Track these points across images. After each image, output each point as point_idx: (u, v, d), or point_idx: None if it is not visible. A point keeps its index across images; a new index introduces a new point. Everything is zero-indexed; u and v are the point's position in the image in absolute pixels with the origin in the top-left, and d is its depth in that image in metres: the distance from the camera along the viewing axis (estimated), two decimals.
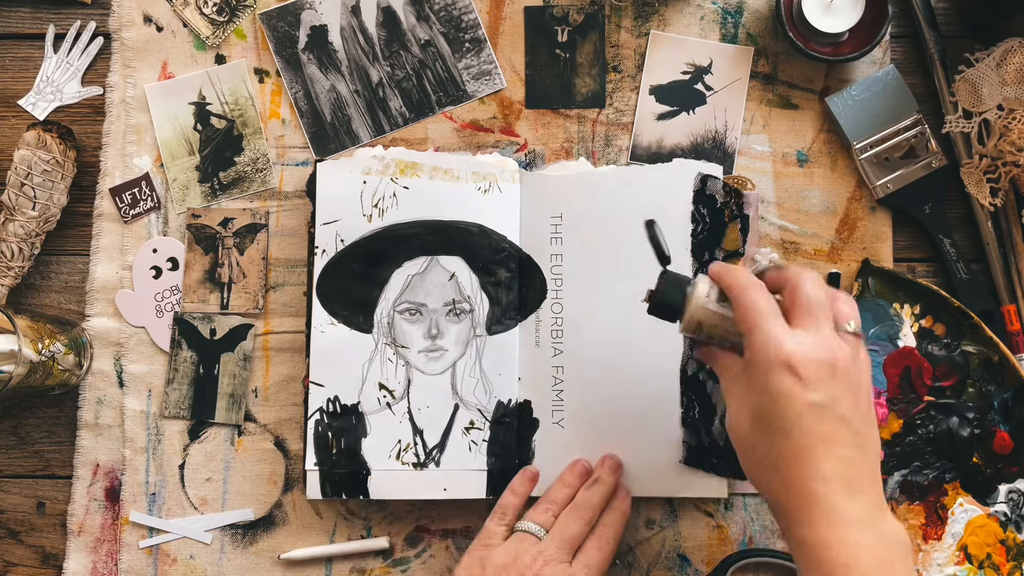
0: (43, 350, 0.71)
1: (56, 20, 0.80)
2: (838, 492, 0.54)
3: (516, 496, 0.71)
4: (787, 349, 0.55)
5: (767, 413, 0.56)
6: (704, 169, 0.74)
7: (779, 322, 0.56)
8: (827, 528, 0.54)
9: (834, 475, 0.54)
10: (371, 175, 0.74)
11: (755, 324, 0.56)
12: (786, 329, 0.56)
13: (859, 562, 0.53)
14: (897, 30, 0.79)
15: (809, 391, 0.54)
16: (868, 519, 0.54)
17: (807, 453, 0.54)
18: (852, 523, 0.54)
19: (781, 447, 0.55)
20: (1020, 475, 0.74)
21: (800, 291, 0.57)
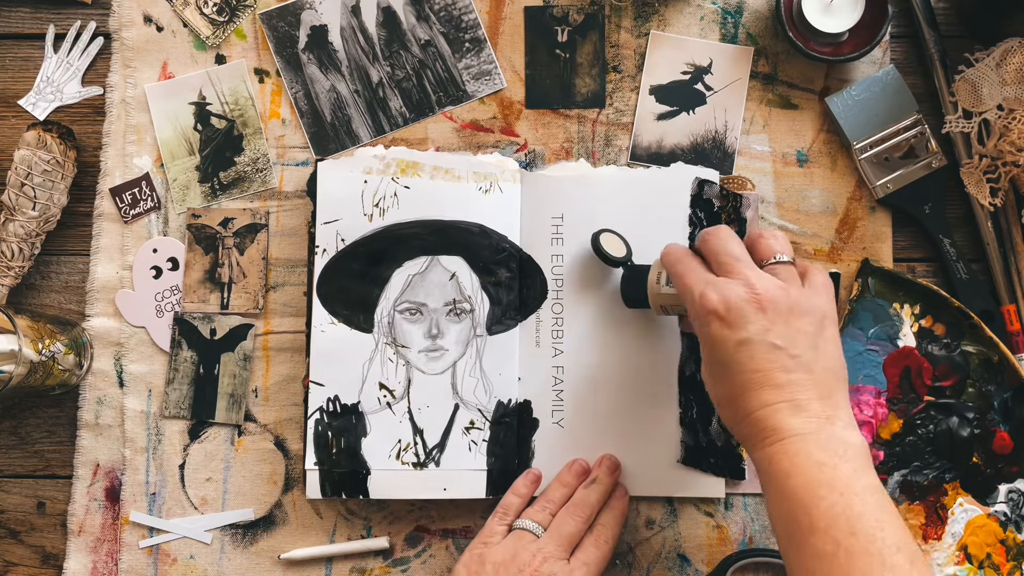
0: (43, 350, 0.71)
1: (56, 20, 0.80)
2: (781, 413, 0.57)
3: (519, 497, 0.71)
4: (710, 298, 0.59)
5: (711, 361, 0.61)
6: (701, 174, 0.75)
7: (703, 279, 0.61)
8: (771, 445, 0.57)
9: (775, 400, 0.57)
10: (372, 174, 0.74)
11: (685, 287, 0.62)
12: (710, 283, 0.60)
13: (798, 468, 0.55)
14: (897, 30, 0.79)
15: (735, 331, 0.58)
16: (813, 430, 0.56)
17: (747, 387, 0.58)
18: (794, 436, 0.56)
19: (726, 387, 0.60)
20: (1020, 475, 0.74)
21: (707, 247, 0.63)
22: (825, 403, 0.58)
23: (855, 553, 0.52)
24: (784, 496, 0.56)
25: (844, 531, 0.53)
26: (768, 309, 0.58)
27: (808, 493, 0.55)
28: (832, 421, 0.57)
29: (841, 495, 0.54)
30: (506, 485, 0.72)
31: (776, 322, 0.58)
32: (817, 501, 0.54)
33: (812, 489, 0.55)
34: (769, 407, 0.57)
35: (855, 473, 0.55)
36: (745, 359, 0.58)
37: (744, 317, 0.58)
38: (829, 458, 0.55)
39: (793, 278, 0.61)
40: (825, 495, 0.54)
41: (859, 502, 0.54)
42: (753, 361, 0.58)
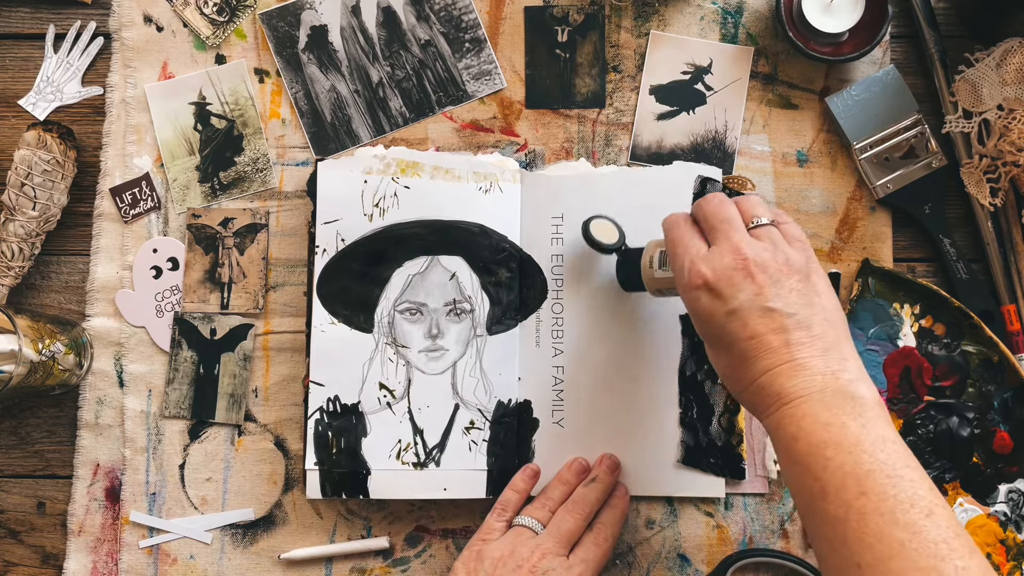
0: (43, 350, 0.71)
1: (56, 20, 0.80)
2: (783, 377, 0.56)
3: (517, 492, 0.71)
4: (698, 271, 0.59)
5: (706, 334, 0.60)
6: (703, 172, 0.75)
7: (693, 249, 0.60)
8: (777, 411, 0.56)
9: (774, 365, 0.56)
10: (372, 174, 0.74)
11: (675, 255, 0.61)
12: (699, 253, 0.60)
13: (804, 431, 0.54)
14: (897, 30, 0.79)
15: (725, 301, 0.58)
16: (817, 389, 0.55)
17: (744, 357, 0.57)
18: (799, 398, 0.55)
19: (726, 359, 0.59)
20: (1020, 475, 0.74)
21: (701, 213, 0.62)
22: (828, 358, 0.56)
23: (866, 514, 0.50)
24: (793, 462, 0.54)
25: (854, 492, 0.51)
26: (757, 273, 0.57)
27: (815, 456, 0.53)
28: (837, 376, 0.55)
29: (849, 454, 0.52)
30: (506, 485, 0.72)
31: (767, 285, 0.57)
32: (825, 463, 0.52)
33: (819, 451, 0.53)
34: (770, 372, 0.56)
35: (863, 429, 0.53)
36: (739, 328, 0.57)
37: (734, 285, 0.57)
38: (835, 416, 0.53)
39: (777, 239, 0.60)
40: (832, 455, 0.52)
41: (868, 459, 0.51)
42: (747, 329, 0.57)
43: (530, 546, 0.66)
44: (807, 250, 0.60)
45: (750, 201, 0.62)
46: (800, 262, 0.59)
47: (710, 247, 0.60)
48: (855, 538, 0.50)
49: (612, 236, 0.72)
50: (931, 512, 0.50)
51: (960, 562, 0.48)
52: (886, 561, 0.49)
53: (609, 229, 0.72)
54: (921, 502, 0.50)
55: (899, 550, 0.48)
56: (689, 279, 0.59)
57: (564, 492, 0.71)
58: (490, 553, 0.67)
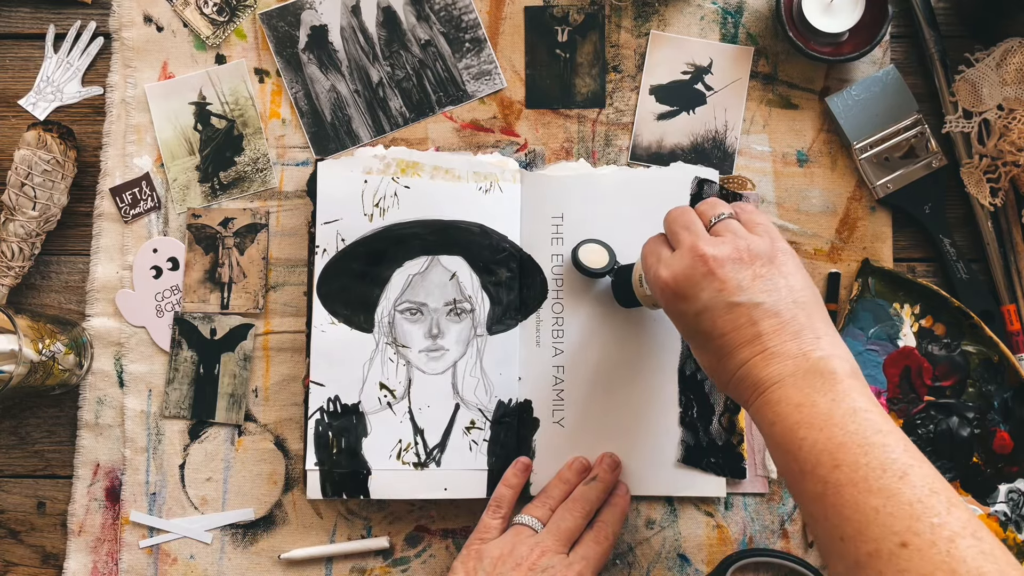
0: (43, 350, 0.71)
1: (56, 20, 0.80)
2: (757, 368, 0.56)
3: (510, 488, 0.71)
4: (662, 276, 0.60)
5: (684, 334, 0.62)
6: (701, 173, 0.75)
7: (658, 258, 0.61)
8: (755, 400, 0.56)
9: (749, 357, 0.56)
10: (372, 174, 0.74)
11: (646, 270, 0.62)
12: (663, 260, 0.61)
13: (780, 415, 0.54)
14: (897, 30, 0.79)
15: (691, 302, 0.58)
16: (789, 372, 0.55)
17: (721, 352, 0.58)
18: (773, 385, 0.55)
19: (704, 357, 0.60)
20: (1020, 475, 0.74)
21: (665, 224, 0.63)
22: (801, 339, 0.56)
23: (841, 486, 0.50)
24: (775, 446, 0.55)
25: (828, 466, 0.51)
26: (716, 269, 0.57)
27: (791, 437, 0.53)
28: (808, 356, 0.55)
29: (820, 431, 0.52)
30: None
31: (728, 279, 0.57)
32: (800, 443, 0.53)
33: (793, 433, 0.53)
34: (746, 365, 0.57)
35: (833, 403, 0.53)
36: (708, 326, 0.58)
37: (696, 285, 0.58)
38: (806, 396, 0.54)
39: (736, 230, 0.60)
40: (805, 435, 0.53)
41: (839, 432, 0.52)
42: (716, 326, 0.57)
43: (529, 544, 0.66)
44: (770, 232, 0.60)
45: (708, 202, 0.63)
46: (762, 247, 0.59)
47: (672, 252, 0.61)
48: (834, 512, 0.50)
49: (602, 260, 0.72)
50: (904, 473, 0.50)
51: (936, 519, 0.48)
52: (863, 530, 0.49)
53: (598, 253, 0.73)
54: (894, 465, 0.50)
55: (874, 517, 0.49)
56: (656, 285, 0.61)
57: (564, 491, 0.71)
58: (489, 552, 0.67)
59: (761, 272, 0.58)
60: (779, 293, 0.57)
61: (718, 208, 0.62)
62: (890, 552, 0.47)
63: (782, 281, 0.58)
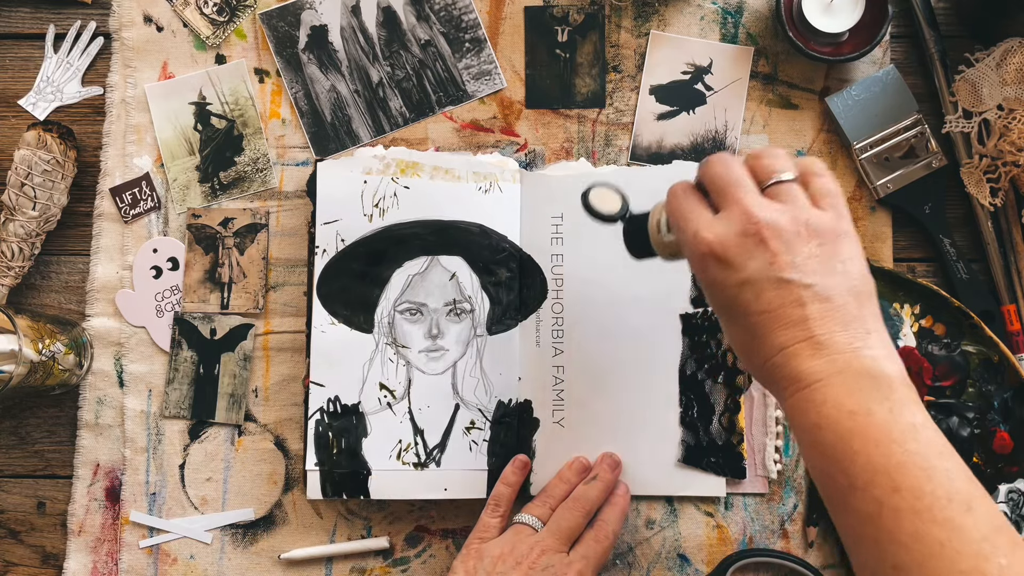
0: (43, 350, 0.71)
1: (56, 20, 0.80)
2: (800, 356, 0.51)
3: (509, 486, 0.71)
4: (705, 239, 0.53)
5: (716, 305, 0.55)
6: None
7: (699, 216, 0.54)
8: (795, 395, 0.51)
9: (791, 341, 0.51)
10: (372, 175, 0.74)
11: (679, 228, 0.55)
12: (704, 219, 0.54)
13: (827, 419, 0.49)
14: (897, 30, 0.79)
15: (735, 271, 0.52)
16: (838, 370, 0.50)
17: (757, 331, 0.52)
18: (818, 382, 0.50)
19: (736, 333, 0.54)
20: (1020, 475, 0.74)
21: (706, 177, 0.55)
22: (850, 331, 0.51)
23: (901, 511, 0.46)
24: (817, 452, 0.50)
25: (886, 488, 0.47)
26: (770, 239, 0.51)
27: (841, 448, 0.48)
28: (859, 353, 0.50)
29: (877, 446, 0.48)
30: None
31: (781, 252, 0.51)
32: (853, 456, 0.48)
33: (846, 443, 0.48)
34: (785, 351, 0.51)
35: (891, 415, 0.48)
36: (750, 300, 0.51)
37: (744, 253, 0.51)
38: (860, 403, 0.49)
39: (797, 197, 0.53)
40: (860, 448, 0.48)
41: (899, 450, 0.47)
42: (759, 301, 0.51)
43: (529, 543, 0.66)
44: (838, 208, 0.53)
45: (768, 154, 0.55)
46: (825, 224, 0.52)
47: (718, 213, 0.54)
48: (889, 538, 0.47)
49: (615, 204, 0.66)
50: (970, 507, 0.46)
51: (1004, 560, 0.45)
52: (925, 563, 0.45)
53: (611, 197, 0.66)
54: (959, 496, 0.46)
55: (939, 551, 0.45)
56: (695, 247, 0.53)
57: (565, 490, 0.71)
58: (489, 551, 0.67)
59: (816, 251, 0.52)
60: (834, 278, 0.51)
61: (780, 164, 0.54)
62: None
63: (839, 265, 0.52)
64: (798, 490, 0.75)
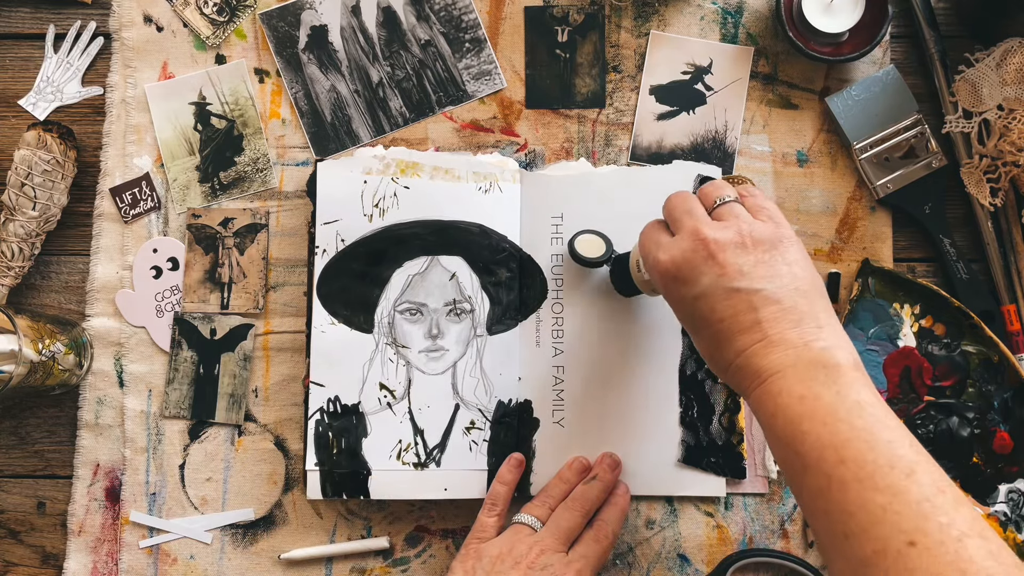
0: (43, 350, 0.71)
1: (56, 20, 0.80)
2: (757, 356, 0.55)
3: (505, 485, 0.71)
4: (661, 260, 0.59)
5: (683, 320, 0.60)
6: (703, 171, 0.75)
7: (657, 243, 0.60)
8: (755, 390, 0.55)
9: (748, 345, 0.55)
10: (372, 175, 0.74)
11: (645, 256, 0.61)
12: (663, 243, 0.59)
13: (781, 407, 0.53)
14: (897, 30, 0.79)
15: (690, 286, 0.57)
16: (791, 363, 0.54)
17: (718, 339, 0.57)
18: (774, 375, 0.54)
19: (702, 344, 0.58)
20: (1020, 475, 0.74)
21: (665, 210, 0.62)
22: (802, 328, 0.54)
23: (846, 482, 0.49)
24: (775, 439, 0.54)
25: (832, 462, 0.50)
26: (717, 253, 0.56)
27: (793, 431, 0.52)
28: (810, 346, 0.54)
29: (824, 424, 0.51)
30: None
31: (728, 263, 0.56)
32: (803, 437, 0.51)
33: (796, 426, 0.52)
34: (745, 353, 0.55)
35: (837, 397, 0.52)
36: (707, 312, 0.56)
37: (696, 269, 0.57)
38: (809, 388, 0.52)
39: (739, 214, 0.59)
40: (808, 428, 0.51)
41: (845, 427, 0.50)
42: (715, 312, 0.56)
43: (528, 543, 0.66)
44: (775, 217, 0.59)
45: (713, 184, 0.61)
46: (766, 232, 0.57)
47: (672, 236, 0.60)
48: (838, 508, 0.49)
49: (599, 249, 0.72)
50: (911, 471, 0.49)
51: (944, 518, 0.47)
52: (869, 528, 0.48)
53: (595, 243, 0.72)
54: (900, 462, 0.49)
55: (881, 515, 0.48)
56: (655, 269, 0.59)
57: (564, 490, 0.71)
58: (488, 551, 0.67)
59: (763, 258, 0.56)
60: (781, 280, 0.56)
61: (722, 191, 0.60)
62: (897, 551, 0.47)
63: (784, 268, 0.56)
64: None
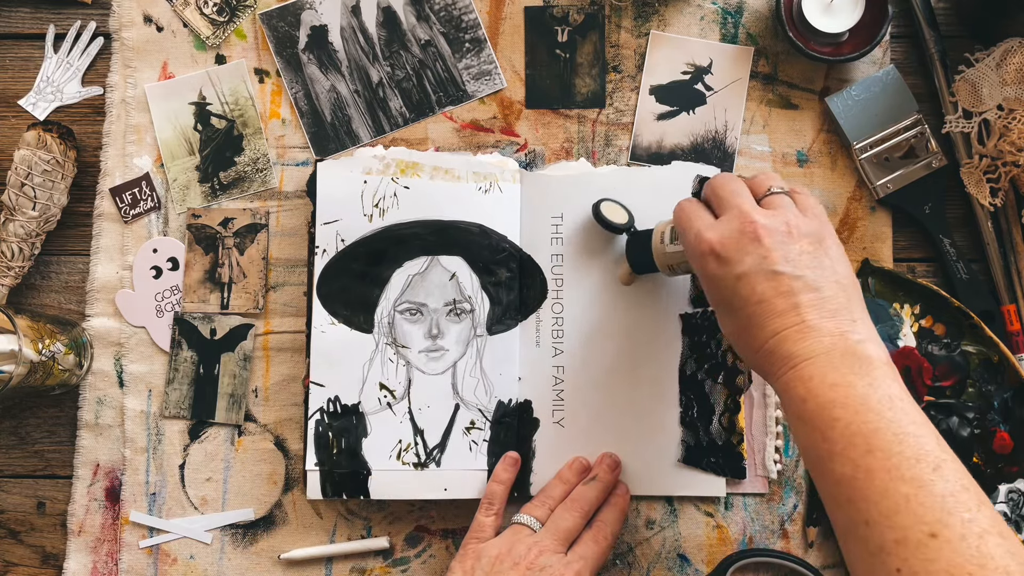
0: (43, 350, 0.71)
1: (56, 20, 0.80)
2: (791, 339, 0.55)
3: (501, 484, 0.71)
4: (706, 238, 0.59)
5: (715, 301, 0.60)
6: (702, 171, 0.75)
7: (701, 220, 0.60)
8: (785, 373, 0.55)
9: (782, 328, 0.56)
10: (372, 175, 0.74)
11: (683, 231, 0.61)
12: (706, 221, 0.60)
13: (812, 392, 0.54)
14: (897, 30, 0.79)
15: (732, 266, 0.57)
16: (825, 350, 0.54)
17: (753, 320, 0.57)
18: (807, 360, 0.54)
19: (734, 324, 0.59)
20: (1020, 475, 0.74)
21: (710, 189, 0.62)
22: (838, 319, 0.55)
23: (873, 471, 0.50)
24: (802, 423, 0.54)
25: (861, 450, 0.51)
26: (764, 237, 0.57)
27: (823, 416, 0.53)
28: (846, 336, 0.55)
29: (856, 413, 0.52)
30: None
31: (774, 248, 0.57)
32: (832, 423, 0.52)
33: (826, 411, 0.53)
34: (778, 336, 0.56)
35: (870, 388, 0.52)
36: (747, 292, 0.57)
37: (741, 250, 0.57)
38: (842, 376, 0.53)
39: (788, 205, 0.60)
40: (840, 415, 0.52)
41: (875, 417, 0.51)
42: (755, 293, 0.56)
43: (527, 543, 0.66)
44: (821, 217, 0.60)
45: (764, 174, 0.62)
46: (812, 228, 0.58)
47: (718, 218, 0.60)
48: (861, 496, 0.50)
49: (622, 217, 0.73)
50: (938, 466, 0.50)
51: (967, 514, 0.48)
52: (891, 516, 0.49)
53: (619, 211, 0.73)
54: (928, 456, 0.50)
55: (904, 505, 0.49)
56: (697, 245, 0.59)
57: (564, 491, 0.71)
58: (488, 551, 0.67)
59: (807, 249, 0.57)
60: (823, 271, 0.57)
61: (774, 181, 0.61)
62: (918, 541, 0.48)
63: (827, 262, 0.57)
64: (798, 490, 0.75)
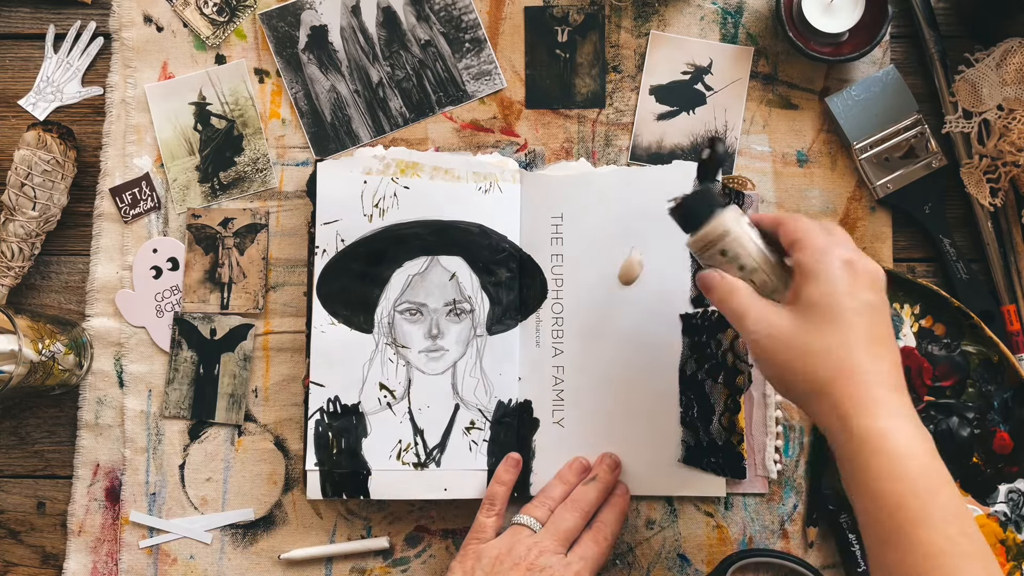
0: (43, 350, 0.71)
1: (56, 20, 0.80)
2: (886, 387, 0.56)
3: (502, 485, 0.71)
4: (846, 254, 0.58)
5: (820, 304, 0.57)
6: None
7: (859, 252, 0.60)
8: (886, 419, 0.54)
9: (881, 371, 0.56)
10: (372, 175, 0.74)
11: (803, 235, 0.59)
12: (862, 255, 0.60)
13: (914, 452, 0.54)
14: (897, 30, 0.79)
15: (866, 291, 0.57)
16: (911, 414, 0.55)
17: (859, 347, 0.56)
18: (903, 416, 0.55)
19: (833, 338, 0.56)
20: (1020, 475, 0.74)
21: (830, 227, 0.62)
22: (906, 389, 0.57)
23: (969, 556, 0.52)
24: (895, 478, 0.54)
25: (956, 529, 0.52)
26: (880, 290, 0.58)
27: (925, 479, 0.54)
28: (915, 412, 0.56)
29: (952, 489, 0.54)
30: None
31: (885, 305, 0.58)
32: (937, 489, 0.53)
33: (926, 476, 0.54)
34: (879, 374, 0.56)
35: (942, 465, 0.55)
36: (868, 320, 0.57)
37: (872, 285, 0.58)
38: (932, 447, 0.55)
39: None
40: (939, 488, 0.53)
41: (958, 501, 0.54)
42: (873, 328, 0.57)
43: (527, 544, 0.66)
44: None
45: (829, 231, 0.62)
46: None
47: None
48: None
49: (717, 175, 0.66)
50: None
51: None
52: None
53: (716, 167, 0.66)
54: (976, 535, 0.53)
55: None
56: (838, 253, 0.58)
57: (564, 491, 0.71)
58: (488, 552, 0.67)
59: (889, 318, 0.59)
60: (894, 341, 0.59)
61: None
62: None
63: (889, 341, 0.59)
64: (798, 490, 0.75)
